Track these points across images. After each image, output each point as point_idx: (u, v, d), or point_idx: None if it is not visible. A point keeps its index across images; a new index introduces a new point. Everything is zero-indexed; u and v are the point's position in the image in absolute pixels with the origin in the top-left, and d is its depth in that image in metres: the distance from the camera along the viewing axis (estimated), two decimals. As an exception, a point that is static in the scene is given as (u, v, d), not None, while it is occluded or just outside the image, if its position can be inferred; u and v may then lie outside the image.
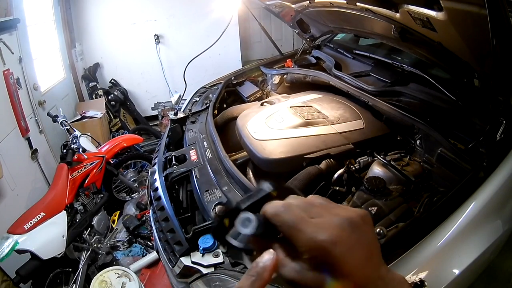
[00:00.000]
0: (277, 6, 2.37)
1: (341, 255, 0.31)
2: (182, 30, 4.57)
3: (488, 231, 1.06)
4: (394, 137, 1.71)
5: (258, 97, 2.38)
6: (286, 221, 0.34)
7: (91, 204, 2.59)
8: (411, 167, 1.44)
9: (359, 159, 1.56)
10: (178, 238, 1.23)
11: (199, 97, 2.37)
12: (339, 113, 1.78)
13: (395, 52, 1.96)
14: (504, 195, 1.12)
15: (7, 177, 2.38)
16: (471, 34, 1.19)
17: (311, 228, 0.32)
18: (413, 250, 0.96)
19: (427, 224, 1.01)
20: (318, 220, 0.33)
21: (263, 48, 5.26)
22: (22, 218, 2.06)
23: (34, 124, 2.97)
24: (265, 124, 1.71)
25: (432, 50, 1.53)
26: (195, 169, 1.54)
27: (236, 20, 4.50)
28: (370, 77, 1.98)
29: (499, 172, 1.13)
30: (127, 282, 1.73)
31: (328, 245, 0.31)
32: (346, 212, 0.35)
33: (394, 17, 1.47)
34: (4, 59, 2.58)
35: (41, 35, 3.53)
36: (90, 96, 4.34)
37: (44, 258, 2.00)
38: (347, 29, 2.26)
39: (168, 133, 1.99)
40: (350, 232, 0.32)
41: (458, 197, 1.07)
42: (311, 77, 2.23)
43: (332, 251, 0.31)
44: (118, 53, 4.53)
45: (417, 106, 1.58)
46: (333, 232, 0.32)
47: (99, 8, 4.28)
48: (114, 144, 2.97)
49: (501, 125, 1.18)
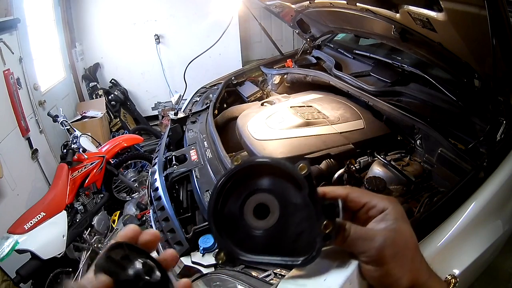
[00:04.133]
0: (277, 6, 2.37)
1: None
2: (182, 30, 4.57)
3: (488, 231, 1.07)
4: (395, 137, 1.71)
5: (258, 97, 2.38)
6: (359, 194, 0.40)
7: (91, 204, 2.59)
8: (411, 167, 1.44)
9: (359, 159, 1.56)
10: (178, 238, 1.23)
11: (199, 97, 2.37)
12: (340, 113, 1.78)
13: (395, 52, 1.96)
14: (504, 195, 1.12)
15: (7, 177, 2.38)
16: (471, 34, 1.19)
17: (380, 195, 0.40)
18: (413, 250, 0.96)
19: (427, 224, 1.01)
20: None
21: (263, 48, 5.26)
22: (22, 218, 2.06)
23: (34, 124, 2.97)
24: (265, 124, 1.71)
25: (432, 50, 1.54)
26: (195, 169, 1.54)
27: (236, 20, 4.50)
28: (371, 77, 1.98)
29: (499, 172, 1.13)
30: (127, 282, 1.73)
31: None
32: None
33: (394, 17, 1.47)
34: (5, 59, 2.58)
35: (41, 35, 3.53)
36: (90, 96, 4.35)
37: (44, 258, 2.00)
38: (347, 29, 2.26)
39: (168, 133, 1.99)
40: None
41: (458, 197, 1.07)
42: (312, 77, 2.23)
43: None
44: (118, 53, 4.53)
45: (417, 106, 1.58)
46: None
47: (99, 8, 4.28)
48: (114, 144, 2.97)
49: (501, 125, 1.18)
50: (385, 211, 0.38)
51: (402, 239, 0.36)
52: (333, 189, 0.40)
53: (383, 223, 0.37)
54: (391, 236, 0.36)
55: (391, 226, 0.37)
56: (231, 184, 0.36)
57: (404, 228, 0.37)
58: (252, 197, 0.35)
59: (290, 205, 0.34)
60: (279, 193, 0.34)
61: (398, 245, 0.36)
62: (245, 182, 0.35)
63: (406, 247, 0.37)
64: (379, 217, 0.38)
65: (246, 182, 0.35)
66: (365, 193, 0.40)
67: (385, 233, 0.36)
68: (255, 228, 0.35)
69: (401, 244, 0.36)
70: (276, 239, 0.34)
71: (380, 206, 0.38)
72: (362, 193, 0.40)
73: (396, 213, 0.38)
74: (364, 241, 0.36)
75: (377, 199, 0.39)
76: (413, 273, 0.37)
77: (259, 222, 0.35)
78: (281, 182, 0.34)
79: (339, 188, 0.40)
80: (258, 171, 0.35)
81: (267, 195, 0.35)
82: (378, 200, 0.39)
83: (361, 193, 0.40)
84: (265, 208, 0.35)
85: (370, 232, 0.37)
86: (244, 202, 0.35)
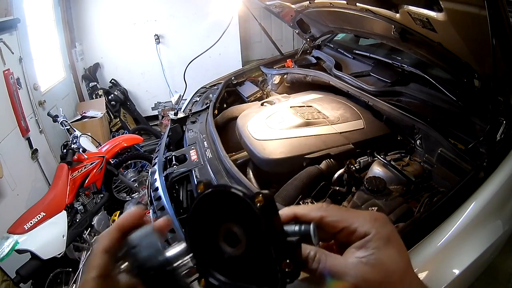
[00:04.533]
0: (277, 6, 2.37)
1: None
2: (182, 30, 4.57)
3: (488, 231, 1.06)
4: (394, 137, 1.71)
5: (258, 97, 2.38)
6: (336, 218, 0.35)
7: (91, 204, 2.60)
8: (411, 167, 1.44)
9: (359, 159, 1.56)
10: (179, 238, 1.23)
11: (199, 97, 2.37)
12: (339, 113, 1.78)
13: (395, 52, 1.96)
14: (504, 195, 1.12)
15: (7, 177, 2.38)
16: (471, 34, 1.19)
17: (363, 214, 0.35)
18: (413, 250, 0.95)
19: (427, 224, 1.01)
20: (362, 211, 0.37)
21: (263, 48, 5.27)
22: (22, 218, 2.06)
23: (34, 124, 2.97)
24: (265, 124, 1.71)
25: (432, 50, 1.54)
26: (195, 169, 1.54)
27: (236, 20, 4.51)
28: (370, 77, 1.98)
29: (499, 172, 1.13)
30: (127, 282, 1.73)
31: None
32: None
33: (394, 17, 1.47)
34: (4, 59, 2.58)
35: (41, 35, 3.53)
36: (90, 96, 4.35)
37: (44, 258, 2.00)
38: (347, 29, 2.26)
39: (168, 133, 1.99)
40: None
41: (458, 197, 1.07)
42: (311, 77, 2.23)
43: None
44: (118, 53, 4.54)
45: (417, 106, 1.58)
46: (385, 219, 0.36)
47: (99, 8, 4.28)
48: (114, 144, 2.97)
49: (501, 125, 1.18)
50: (366, 236, 0.34)
51: (380, 274, 0.32)
52: (306, 212, 0.36)
53: (361, 252, 0.33)
54: (365, 273, 0.32)
55: (368, 257, 0.33)
56: (203, 210, 0.35)
57: (387, 257, 0.33)
58: (223, 224, 0.34)
59: (256, 237, 0.32)
60: (244, 224, 0.32)
61: (373, 283, 0.32)
62: (215, 208, 0.34)
63: (386, 281, 0.32)
64: (358, 244, 0.34)
65: (216, 208, 0.34)
66: (345, 214, 0.35)
67: (358, 269, 0.32)
68: (227, 255, 0.34)
69: (379, 280, 0.32)
70: (246, 267, 0.33)
71: (361, 230, 0.34)
72: (340, 215, 0.35)
73: (379, 239, 0.33)
74: (333, 277, 0.33)
75: (359, 221, 0.34)
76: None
77: (231, 250, 0.34)
78: (247, 212, 0.32)
79: (313, 210, 0.36)
80: (226, 199, 0.33)
81: (235, 224, 0.33)
82: (360, 223, 0.34)
83: (339, 216, 0.35)
84: (235, 236, 0.33)
85: (341, 268, 0.33)
86: (217, 227, 0.34)
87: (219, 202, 0.34)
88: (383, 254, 0.33)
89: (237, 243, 0.33)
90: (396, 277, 0.33)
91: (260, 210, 0.30)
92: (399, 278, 0.33)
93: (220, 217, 0.34)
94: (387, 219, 0.36)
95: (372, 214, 0.35)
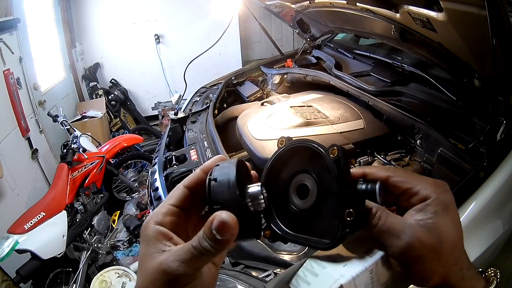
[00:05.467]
0: (277, 6, 2.37)
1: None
2: (182, 30, 4.57)
3: (488, 231, 1.07)
4: (395, 137, 1.71)
5: (258, 97, 2.38)
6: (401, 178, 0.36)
7: (91, 204, 2.59)
8: (411, 167, 1.44)
9: (359, 159, 1.56)
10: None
11: (199, 97, 2.38)
12: (340, 113, 1.78)
13: (396, 52, 1.96)
14: (504, 195, 1.12)
15: (7, 177, 2.38)
16: (471, 34, 1.19)
17: (426, 179, 0.36)
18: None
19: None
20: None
21: (263, 48, 5.26)
22: (22, 218, 2.06)
23: (35, 124, 2.97)
24: (265, 124, 1.71)
25: (432, 50, 1.53)
26: (195, 169, 1.54)
27: (236, 20, 4.50)
28: (371, 77, 1.98)
29: (499, 172, 1.13)
30: (127, 282, 1.73)
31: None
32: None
33: (394, 17, 1.47)
34: (4, 59, 2.58)
35: (41, 35, 3.53)
36: (91, 96, 4.35)
37: (44, 258, 2.00)
38: (347, 29, 2.26)
39: (168, 133, 2.00)
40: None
41: (458, 197, 1.07)
42: (312, 77, 2.23)
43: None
44: (118, 53, 4.53)
45: (417, 106, 1.58)
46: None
47: (99, 8, 4.28)
48: (114, 144, 2.97)
49: (501, 125, 1.18)
50: (426, 200, 0.34)
51: (434, 238, 0.33)
52: (374, 171, 0.37)
53: (420, 215, 0.34)
54: (421, 234, 0.33)
55: (426, 220, 0.33)
56: (277, 164, 0.38)
57: (443, 223, 0.34)
58: (296, 177, 0.37)
59: (326, 188, 0.34)
60: (318, 176, 0.35)
61: (426, 246, 0.33)
62: (291, 162, 0.37)
63: (438, 247, 0.33)
64: (418, 207, 0.35)
65: (292, 162, 0.37)
66: (410, 176, 0.36)
67: (415, 230, 0.33)
68: (296, 207, 0.36)
69: (432, 244, 0.33)
70: (312, 220, 0.35)
71: (423, 194, 0.35)
72: (406, 176, 0.36)
73: (438, 204, 0.34)
74: (390, 236, 0.34)
75: (422, 185, 0.35)
76: (443, 274, 0.34)
77: (300, 202, 0.36)
78: (321, 165, 0.35)
79: (380, 170, 0.37)
80: (303, 153, 0.36)
81: (308, 176, 0.36)
82: (423, 186, 0.35)
83: (404, 177, 0.36)
84: (306, 189, 0.36)
85: (399, 226, 0.34)
86: (290, 180, 0.37)
87: (296, 156, 0.37)
88: (440, 220, 0.34)
89: (307, 195, 0.36)
90: (448, 245, 0.33)
91: (334, 161, 0.33)
92: (450, 247, 0.34)
93: (295, 170, 0.37)
94: (447, 187, 0.36)
95: (434, 181, 0.36)
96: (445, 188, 0.36)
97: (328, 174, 0.34)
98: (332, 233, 0.33)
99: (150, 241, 0.32)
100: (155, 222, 0.33)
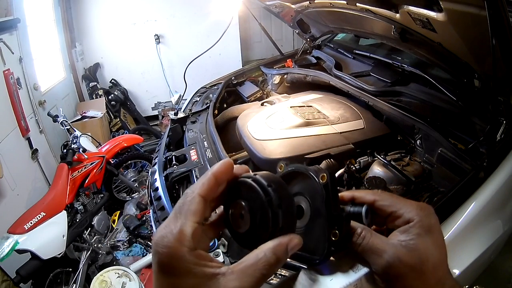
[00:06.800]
0: (277, 6, 2.37)
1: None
2: (182, 30, 4.57)
3: (488, 231, 1.07)
4: (395, 137, 1.71)
5: (258, 97, 2.38)
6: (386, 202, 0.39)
7: (91, 204, 2.59)
8: (411, 167, 1.44)
9: (359, 159, 1.56)
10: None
11: (199, 97, 2.38)
12: (340, 113, 1.78)
13: (396, 52, 1.96)
14: (504, 195, 1.12)
15: (7, 177, 2.38)
16: (471, 34, 1.19)
17: (411, 203, 0.38)
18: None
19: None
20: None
21: (263, 48, 5.26)
22: (22, 218, 2.06)
23: (35, 124, 2.97)
24: (265, 124, 1.71)
25: (432, 50, 1.54)
26: (195, 169, 1.54)
27: (236, 20, 4.50)
28: (371, 77, 1.98)
29: (499, 172, 1.13)
30: (127, 282, 1.73)
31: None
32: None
33: (394, 17, 1.47)
34: (5, 59, 2.58)
35: (41, 35, 3.53)
36: (91, 96, 4.35)
37: (44, 258, 2.00)
38: (347, 29, 2.26)
39: (168, 133, 2.00)
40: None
41: (458, 197, 1.07)
42: (312, 77, 2.23)
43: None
44: (118, 53, 4.53)
45: (417, 106, 1.58)
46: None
47: (99, 8, 4.28)
48: (114, 144, 2.97)
49: (501, 125, 1.19)
50: (410, 223, 0.36)
51: (415, 258, 0.34)
52: (362, 195, 0.40)
53: (403, 236, 0.36)
54: (401, 254, 0.34)
55: (408, 241, 0.35)
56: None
57: (424, 244, 0.35)
58: (294, 198, 0.39)
59: (317, 210, 0.37)
60: (311, 198, 0.38)
61: (406, 265, 0.34)
62: (289, 185, 0.40)
63: (419, 267, 0.34)
64: (402, 228, 0.37)
65: (290, 185, 0.40)
66: (395, 200, 0.38)
67: (396, 249, 0.35)
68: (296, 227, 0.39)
69: (412, 264, 0.34)
70: (305, 238, 0.37)
71: (407, 216, 0.37)
72: (391, 200, 0.38)
73: (421, 227, 0.36)
74: (372, 254, 0.36)
75: (406, 208, 0.37)
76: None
77: (297, 222, 0.39)
78: (314, 189, 0.37)
79: (368, 194, 0.40)
80: (299, 177, 0.39)
81: (304, 198, 0.39)
82: (407, 210, 0.37)
83: (389, 201, 0.38)
84: (301, 210, 0.39)
85: (381, 246, 0.35)
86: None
87: (293, 180, 0.40)
88: (421, 241, 0.35)
89: (302, 215, 0.38)
90: (429, 266, 0.35)
91: (323, 186, 0.36)
92: (432, 267, 0.35)
93: (293, 192, 0.39)
94: (432, 210, 0.38)
95: (419, 204, 0.38)
96: (429, 212, 0.37)
97: (319, 197, 0.37)
98: (320, 251, 0.37)
99: (189, 269, 0.29)
100: (189, 248, 0.30)
